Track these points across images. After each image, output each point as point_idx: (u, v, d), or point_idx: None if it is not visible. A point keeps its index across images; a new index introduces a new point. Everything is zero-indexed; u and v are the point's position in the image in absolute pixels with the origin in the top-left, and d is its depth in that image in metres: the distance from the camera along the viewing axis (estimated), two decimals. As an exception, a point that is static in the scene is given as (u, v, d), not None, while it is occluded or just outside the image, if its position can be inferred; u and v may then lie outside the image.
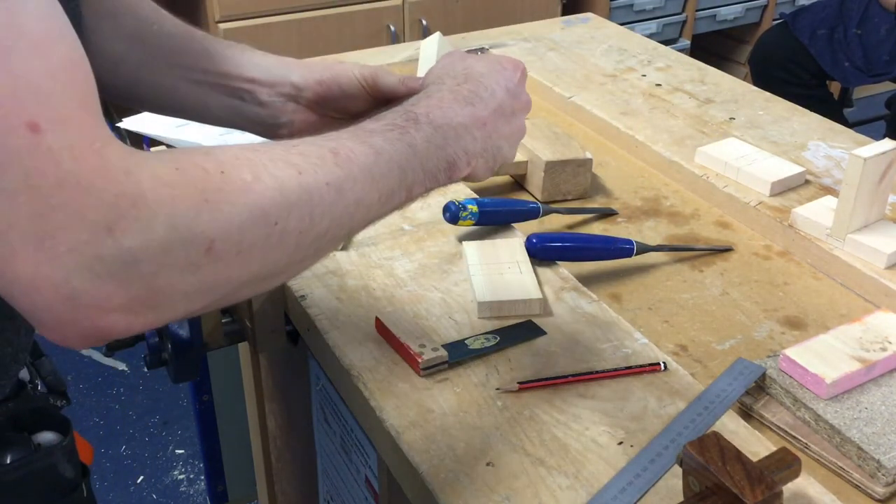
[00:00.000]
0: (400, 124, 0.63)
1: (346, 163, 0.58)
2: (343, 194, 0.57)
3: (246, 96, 0.80)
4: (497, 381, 0.77)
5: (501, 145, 0.70)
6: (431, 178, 0.65)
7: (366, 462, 0.87)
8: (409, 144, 0.62)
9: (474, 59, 0.72)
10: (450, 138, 0.65)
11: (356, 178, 0.58)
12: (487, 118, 0.68)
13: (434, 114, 0.65)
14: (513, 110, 0.71)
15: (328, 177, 0.56)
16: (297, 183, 0.54)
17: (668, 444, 0.70)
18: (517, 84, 0.72)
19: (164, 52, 0.79)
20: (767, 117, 1.27)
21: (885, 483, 0.69)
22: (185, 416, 2.18)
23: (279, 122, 0.81)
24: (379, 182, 0.60)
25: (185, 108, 0.82)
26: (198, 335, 0.96)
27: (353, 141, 0.59)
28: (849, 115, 3.02)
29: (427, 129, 0.64)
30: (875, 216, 0.97)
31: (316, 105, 0.80)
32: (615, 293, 0.94)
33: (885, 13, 2.55)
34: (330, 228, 0.57)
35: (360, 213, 0.59)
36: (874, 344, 0.78)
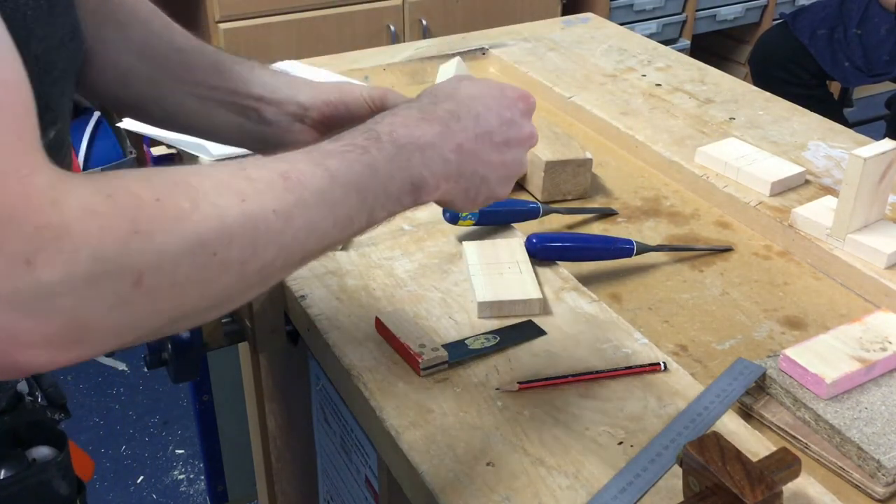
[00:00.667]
0: (360, 144, 0.60)
1: (297, 187, 0.54)
2: (292, 221, 0.54)
3: (252, 114, 0.78)
4: (497, 381, 0.77)
5: (486, 175, 0.66)
6: (394, 200, 0.61)
7: (366, 462, 0.87)
8: (369, 165, 0.59)
9: (471, 82, 0.69)
10: (415, 158, 0.61)
11: (308, 203, 0.55)
12: (466, 141, 0.64)
13: (398, 132, 0.61)
14: (506, 140, 0.67)
15: (275, 203, 0.53)
16: (239, 211, 0.51)
17: (668, 444, 0.70)
18: (519, 115, 0.68)
19: (172, 67, 0.78)
20: (767, 117, 1.27)
21: (885, 483, 0.69)
22: (185, 416, 2.18)
23: (284, 143, 0.78)
24: (334, 207, 0.57)
25: (192, 125, 0.81)
26: (198, 335, 0.96)
27: (307, 163, 0.56)
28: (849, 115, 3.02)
29: (389, 148, 0.60)
30: (875, 216, 0.97)
31: (322, 126, 0.78)
32: (615, 293, 0.94)
33: (885, 13, 2.55)
34: (278, 257, 0.54)
35: (314, 240, 0.56)
36: (874, 344, 0.78)
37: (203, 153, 1.14)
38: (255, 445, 1.37)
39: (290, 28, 2.52)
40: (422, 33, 2.66)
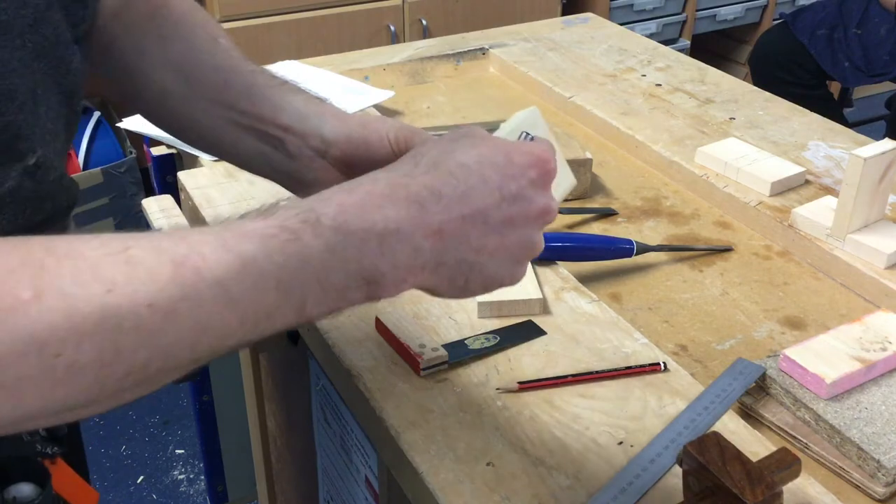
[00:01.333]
0: (291, 227, 0.49)
1: (191, 277, 0.46)
2: (175, 319, 0.45)
3: (277, 144, 0.73)
4: (497, 381, 0.77)
5: (480, 262, 0.55)
6: (337, 296, 0.51)
7: (366, 462, 0.87)
8: (298, 255, 0.49)
9: (470, 144, 0.56)
10: (368, 248, 0.51)
11: (202, 298, 0.46)
12: (447, 224, 0.53)
13: (348, 215, 0.51)
14: (507, 219, 0.55)
15: (153, 297, 0.44)
16: (98, 304, 0.43)
17: (668, 444, 0.70)
18: (528, 186, 0.56)
19: (206, 88, 0.75)
20: (767, 117, 1.27)
21: (885, 483, 0.69)
22: (185, 416, 2.18)
23: (306, 180, 0.73)
24: (240, 303, 0.47)
25: (221, 149, 0.77)
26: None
27: (214, 246, 0.47)
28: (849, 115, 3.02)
29: (330, 236, 0.50)
30: (875, 216, 0.97)
31: (342, 165, 0.71)
32: (615, 293, 0.94)
33: (885, 13, 2.55)
34: (153, 360, 0.45)
35: (210, 340, 0.47)
36: (874, 344, 0.78)
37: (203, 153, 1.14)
38: (255, 445, 1.37)
39: (290, 28, 2.52)
40: (422, 33, 2.66)
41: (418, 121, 1.30)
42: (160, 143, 1.22)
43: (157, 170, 1.23)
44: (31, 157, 0.60)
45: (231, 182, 1.08)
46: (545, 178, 0.57)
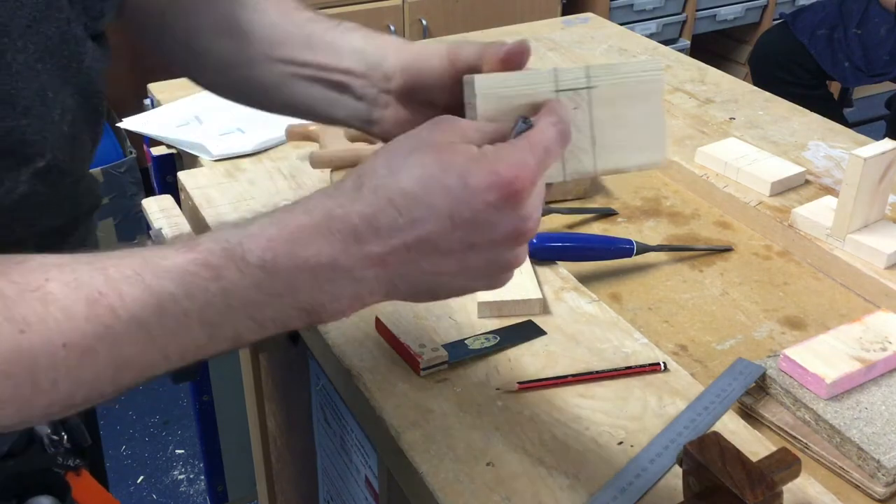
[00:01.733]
0: (214, 263, 0.47)
1: (107, 316, 0.45)
2: (93, 356, 0.45)
3: (343, 89, 0.71)
4: (497, 381, 0.77)
5: (443, 282, 0.52)
6: (275, 325, 0.50)
7: (366, 462, 0.87)
8: (223, 292, 0.47)
9: (423, 159, 0.51)
10: (300, 282, 0.49)
11: (119, 336, 0.46)
12: (389, 255, 0.50)
13: (277, 251, 0.48)
14: (466, 245, 0.51)
15: (68, 336, 0.44)
16: (12, 345, 0.43)
17: (668, 444, 0.70)
18: (490, 211, 0.50)
19: (263, 46, 0.74)
20: (767, 117, 1.27)
21: (885, 483, 0.69)
22: (185, 416, 2.18)
23: (372, 118, 0.70)
24: (161, 340, 0.47)
25: (289, 105, 0.75)
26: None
27: (132, 283, 0.46)
28: (849, 115, 3.02)
29: (257, 275, 0.48)
30: (875, 216, 0.97)
31: (403, 97, 0.68)
32: (615, 293, 0.94)
33: (885, 13, 2.55)
34: (75, 393, 0.46)
35: (132, 374, 0.47)
36: (874, 344, 0.78)
37: (203, 153, 1.14)
38: (255, 445, 1.37)
39: (290, 28, 2.51)
40: (422, 33, 2.66)
41: (418, 121, 1.30)
42: (160, 143, 1.22)
43: (157, 170, 1.23)
44: (41, 161, 0.59)
45: (231, 182, 1.08)
46: (511, 200, 0.50)
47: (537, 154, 0.52)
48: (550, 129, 0.54)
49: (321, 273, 0.49)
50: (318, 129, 1.11)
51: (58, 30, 0.60)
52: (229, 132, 1.19)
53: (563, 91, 0.61)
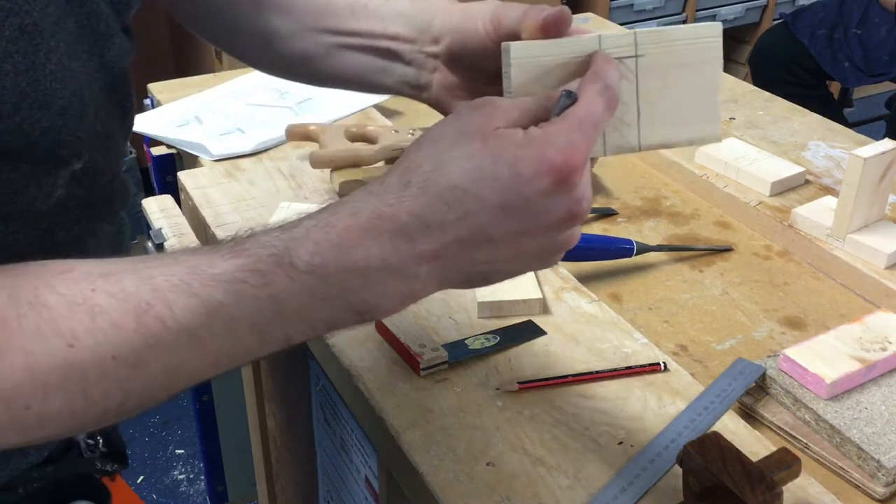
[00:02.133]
0: (263, 270, 0.47)
1: (156, 327, 0.45)
2: (143, 367, 0.46)
3: (392, 55, 0.69)
4: (497, 381, 0.77)
5: (497, 269, 0.52)
6: (326, 326, 0.50)
7: (366, 462, 0.87)
8: (273, 299, 0.47)
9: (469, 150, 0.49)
10: (352, 285, 0.48)
11: (169, 345, 0.46)
12: (442, 249, 0.49)
13: (325, 256, 0.48)
14: (519, 231, 0.50)
15: (117, 349, 0.44)
16: (62, 359, 0.43)
17: (668, 444, 0.70)
18: (541, 195, 0.49)
19: (308, 17, 0.73)
20: (767, 117, 1.27)
21: (885, 483, 0.69)
22: (185, 416, 2.18)
23: (421, 83, 0.69)
24: (211, 347, 0.47)
25: (337, 76, 0.74)
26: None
27: (180, 292, 0.46)
28: (849, 115, 3.02)
29: (307, 280, 0.47)
30: (875, 216, 0.97)
31: (451, 61, 0.66)
32: (615, 293, 0.94)
33: (885, 13, 2.55)
34: (127, 401, 0.46)
35: (184, 380, 0.48)
36: (874, 344, 0.78)
37: (203, 153, 1.14)
38: (255, 445, 1.37)
39: (290, 28, 2.51)
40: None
41: (418, 121, 1.30)
42: (160, 143, 1.22)
43: (157, 170, 1.23)
44: (78, 163, 0.58)
45: (231, 182, 1.08)
46: (564, 184, 0.49)
47: (586, 132, 0.50)
48: (597, 101, 0.52)
49: (371, 275, 0.48)
50: (317, 128, 1.11)
51: (87, 25, 0.58)
52: (229, 132, 1.19)
53: None
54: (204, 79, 1.37)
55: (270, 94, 1.29)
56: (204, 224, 1.00)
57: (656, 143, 0.59)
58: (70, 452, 0.69)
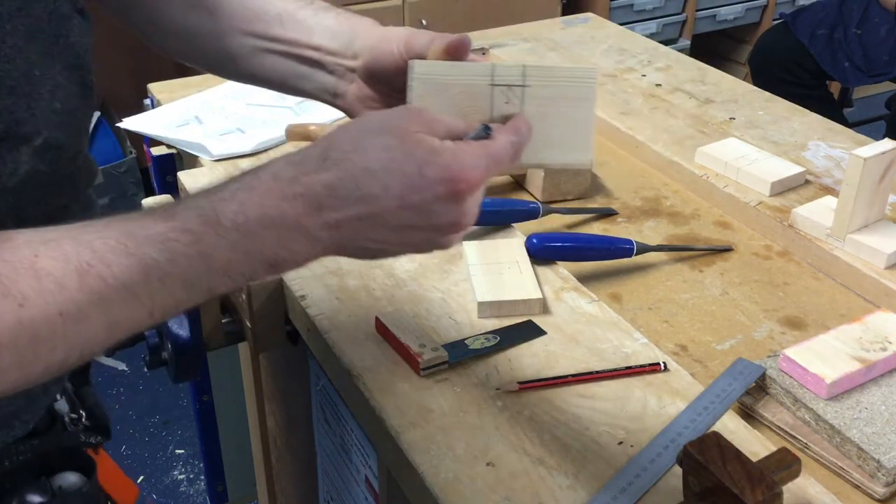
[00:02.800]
0: (192, 229, 0.52)
1: (97, 284, 0.49)
2: (85, 322, 0.50)
3: (314, 64, 0.76)
4: (497, 381, 0.77)
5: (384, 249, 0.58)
6: (243, 279, 0.55)
7: (366, 462, 0.87)
8: (202, 255, 0.52)
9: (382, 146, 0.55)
10: (269, 239, 0.54)
11: (110, 300, 0.50)
12: (343, 221, 0.55)
13: (248, 213, 0.53)
14: (408, 225, 0.56)
15: (63, 306, 0.48)
16: (14, 318, 0.47)
17: (668, 444, 0.70)
18: (434, 201, 0.55)
19: (235, 21, 0.77)
20: (767, 117, 1.27)
21: (885, 483, 0.69)
22: (185, 416, 2.18)
23: (338, 92, 0.76)
24: (146, 301, 0.51)
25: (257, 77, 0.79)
26: (198, 335, 0.96)
27: (117, 252, 0.50)
28: (849, 115, 3.02)
29: (232, 237, 0.53)
30: (875, 216, 0.97)
31: (367, 76, 0.73)
32: (615, 293, 0.94)
33: (885, 13, 2.55)
34: (70, 355, 0.51)
35: (117, 334, 0.52)
36: (874, 344, 0.78)
37: (203, 153, 1.14)
38: (255, 445, 1.37)
39: (290, 28, 2.51)
40: (422, 33, 2.65)
41: (418, 121, 1.30)
42: (160, 143, 1.22)
43: (157, 170, 1.23)
44: (38, 139, 0.61)
45: (231, 182, 1.08)
46: (456, 196, 0.56)
47: (490, 163, 0.58)
48: (508, 146, 0.59)
49: (285, 233, 0.54)
50: (317, 128, 1.11)
51: (45, 9, 0.61)
52: (229, 132, 1.19)
53: (497, 86, 0.64)
54: (204, 79, 1.37)
55: (270, 94, 1.29)
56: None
57: (535, 163, 0.67)
58: (54, 426, 0.72)
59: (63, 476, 0.70)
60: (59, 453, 0.71)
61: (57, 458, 0.71)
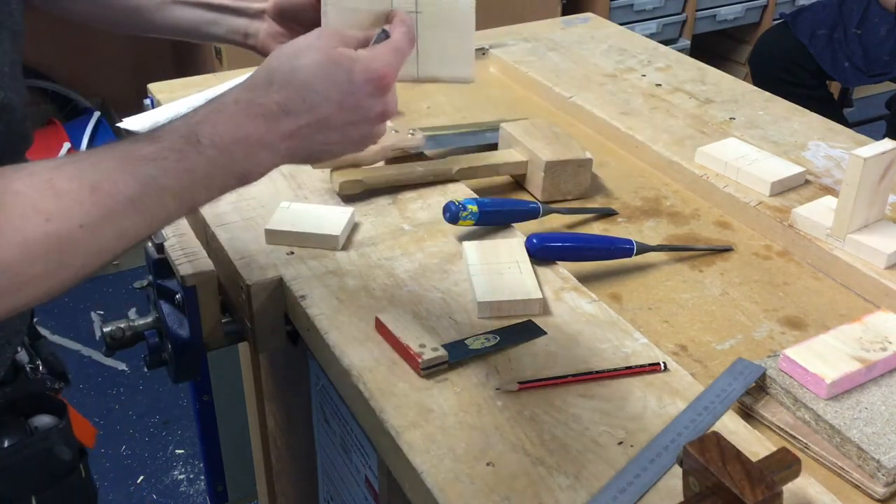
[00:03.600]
0: (178, 148, 0.61)
1: (107, 199, 0.57)
2: (100, 233, 0.57)
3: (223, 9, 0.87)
4: (497, 381, 0.77)
5: (328, 150, 0.68)
6: (217, 192, 0.64)
7: (366, 462, 0.87)
8: (187, 170, 0.61)
9: (312, 62, 0.66)
10: (239, 156, 0.63)
11: (118, 213, 0.58)
12: (296, 131, 0.65)
13: (220, 132, 0.62)
14: (348, 122, 0.67)
15: (82, 219, 0.56)
16: (43, 232, 0.55)
17: (668, 444, 0.70)
18: (366, 97, 0.67)
19: None
20: (767, 117, 1.27)
21: (885, 483, 0.69)
22: (185, 416, 2.18)
23: (250, 32, 0.87)
24: (146, 212, 0.59)
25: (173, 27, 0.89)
26: (198, 335, 0.96)
27: (120, 172, 0.58)
28: (849, 115, 3.02)
29: (210, 152, 0.62)
30: (875, 216, 0.97)
31: (276, 15, 0.85)
32: (615, 293, 0.94)
33: (885, 13, 2.55)
34: (86, 265, 0.58)
35: (124, 243, 0.60)
36: (874, 344, 0.78)
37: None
38: (255, 445, 1.37)
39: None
40: (422, 33, 2.65)
41: (418, 121, 1.30)
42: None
43: (157, 170, 1.23)
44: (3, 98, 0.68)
45: (231, 182, 1.08)
46: (381, 90, 0.67)
47: (397, 57, 0.69)
48: (404, 38, 0.71)
49: (252, 146, 0.63)
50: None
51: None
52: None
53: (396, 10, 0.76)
54: (204, 79, 1.37)
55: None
56: (204, 224, 1.00)
57: (428, 76, 0.80)
58: (18, 375, 0.78)
59: (38, 418, 0.76)
60: (29, 399, 0.77)
61: (28, 403, 0.77)
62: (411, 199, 1.05)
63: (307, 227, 0.95)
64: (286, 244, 0.95)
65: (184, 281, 0.92)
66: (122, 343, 0.98)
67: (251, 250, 0.94)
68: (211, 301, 0.95)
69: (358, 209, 1.01)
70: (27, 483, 0.75)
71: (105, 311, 2.49)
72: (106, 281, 2.58)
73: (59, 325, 2.43)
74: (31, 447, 0.74)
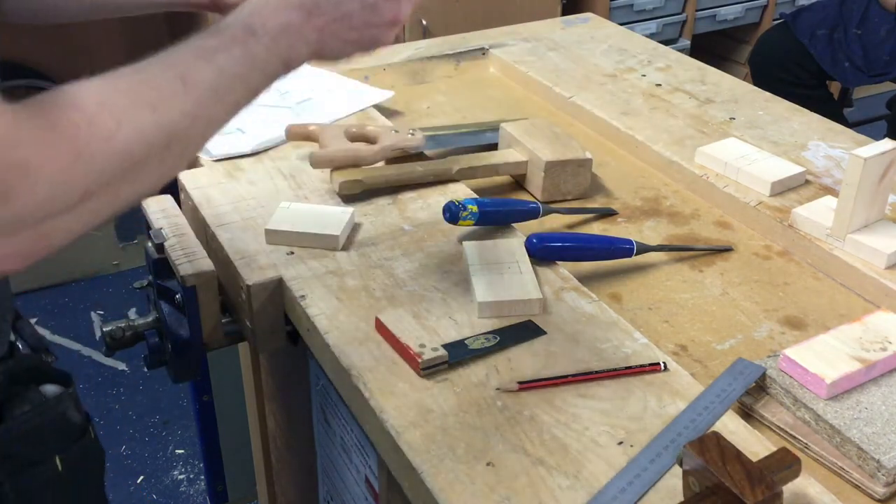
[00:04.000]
0: (240, 37, 0.67)
1: (195, 88, 0.62)
2: (196, 120, 0.63)
3: None
4: (497, 381, 0.77)
5: (342, 47, 0.74)
6: (271, 79, 0.70)
7: (366, 462, 0.87)
8: (250, 57, 0.67)
9: None
10: (283, 44, 0.69)
11: (206, 100, 0.63)
12: (326, 25, 0.72)
13: (269, 23, 0.69)
14: (366, 22, 0.74)
15: (182, 106, 0.62)
16: (153, 122, 0.59)
17: (668, 444, 0.70)
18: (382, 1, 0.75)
19: None
20: (767, 117, 1.27)
21: (885, 483, 0.69)
22: (185, 416, 2.18)
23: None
24: (224, 98, 0.65)
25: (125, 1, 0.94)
26: (198, 335, 0.96)
27: (199, 62, 0.64)
28: (849, 115, 3.02)
29: (265, 40, 0.68)
30: (875, 216, 0.97)
31: None
32: (615, 293, 0.94)
33: (885, 13, 2.55)
34: (187, 151, 0.64)
35: (211, 130, 0.66)
36: (874, 344, 0.78)
37: (203, 153, 1.14)
38: (255, 445, 1.37)
39: (290, 28, 2.51)
40: (422, 33, 2.65)
41: (418, 121, 1.30)
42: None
43: (157, 170, 1.23)
44: None
45: (231, 182, 1.08)
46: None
47: None
48: None
49: (293, 35, 0.70)
50: (317, 128, 1.11)
51: None
52: (229, 132, 1.19)
53: None
54: (204, 79, 1.37)
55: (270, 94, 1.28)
56: (204, 224, 1.00)
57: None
58: (14, 353, 0.80)
59: (45, 388, 0.78)
60: (33, 371, 0.79)
61: (33, 375, 0.79)
62: (411, 199, 1.05)
63: (307, 227, 0.95)
64: (286, 244, 0.95)
65: (184, 281, 0.92)
66: (122, 343, 0.98)
67: (251, 250, 0.94)
68: (211, 301, 0.95)
69: (358, 209, 1.01)
70: (44, 447, 0.78)
71: (105, 311, 2.49)
72: (106, 281, 2.58)
73: (59, 325, 2.42)
74: (47, 412, 0.77)
